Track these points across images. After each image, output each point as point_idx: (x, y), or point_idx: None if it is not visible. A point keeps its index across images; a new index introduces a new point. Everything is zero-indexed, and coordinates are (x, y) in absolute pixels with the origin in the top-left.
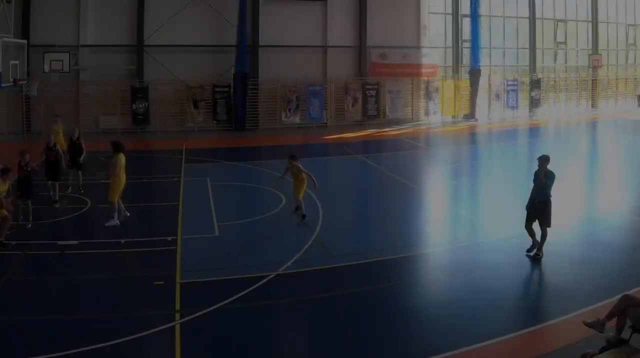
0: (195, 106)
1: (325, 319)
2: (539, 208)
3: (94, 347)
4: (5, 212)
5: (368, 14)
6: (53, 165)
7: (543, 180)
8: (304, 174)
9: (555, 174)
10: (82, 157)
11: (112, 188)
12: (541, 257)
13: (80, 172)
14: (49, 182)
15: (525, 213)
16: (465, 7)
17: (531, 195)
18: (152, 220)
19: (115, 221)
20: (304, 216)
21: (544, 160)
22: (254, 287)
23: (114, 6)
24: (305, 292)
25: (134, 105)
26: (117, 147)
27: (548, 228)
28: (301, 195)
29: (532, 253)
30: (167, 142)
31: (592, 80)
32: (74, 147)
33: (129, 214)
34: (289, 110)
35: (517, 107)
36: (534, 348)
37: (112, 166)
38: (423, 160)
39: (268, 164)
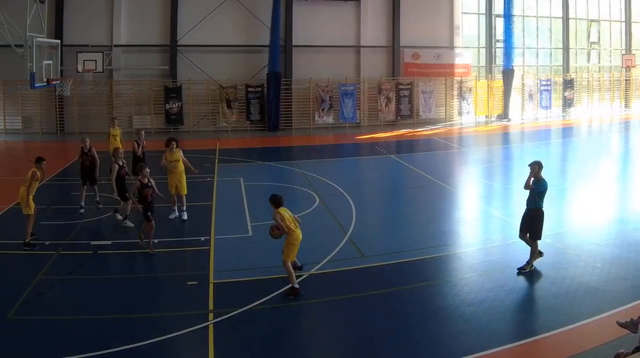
0: (229, 106)
1: (357, 319)
2: (528, 217)
3: (128, 346)
4: (30, 211)
5: (401, 14)
6: (88, 170)
7: (531, 185)
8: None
9: (547, 182)
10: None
11: (184, 183)
12: (528, 271)
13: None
14: (84, 187)
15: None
16: (498, 7)
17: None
18: (186, 220)
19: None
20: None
21: (534, 166)
22: (287, 287)
23: (147, 6)
24: (338, 292)
25: (167, 105)
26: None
27: (538, 241)
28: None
29: (521, 267)
30: (200, 142)
31: (625, 80)
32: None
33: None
34: (322, 110)
35: (550, 107)
36: (566, 348)
37: (185, 162)
38: (456, 160)
39: (301, 164)
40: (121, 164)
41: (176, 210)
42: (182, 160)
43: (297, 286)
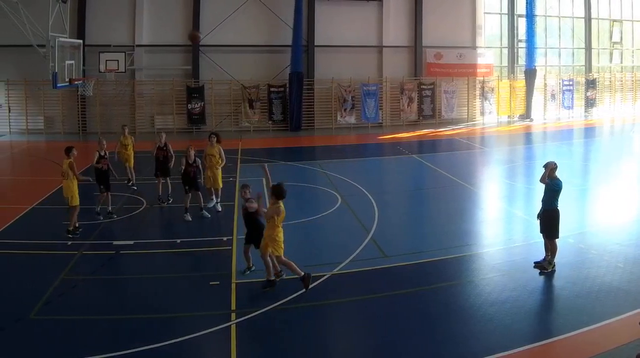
0: (251, 106)
1: (379, 319)
2: (543, 218)
3: (150, 346)
4: (77, 202)
5: (423, 14)
6: (104, 174)
7: (546, 181)
8: None
9: (562, 182)
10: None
11: (219, 177)
12: (549, 271)
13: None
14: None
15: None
16: (520, 7)
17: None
18: (208, 220)
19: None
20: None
21: (548, 166)
22: (310, 287)
23: (170, 6)
24: (360, 292)
25: (189, 105)
26: (219, 139)
27: (556, 241)
28: None
29: (540, 265)
30: (222, 142)
31: None
32: (160, 154)
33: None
34: (345, 110)
35: (572, 107)
36: (588, 348)
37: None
38: (478, 160)
39: (323, 164)
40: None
41: (214, 199)
42: (218, 156)
43: (303, 273)
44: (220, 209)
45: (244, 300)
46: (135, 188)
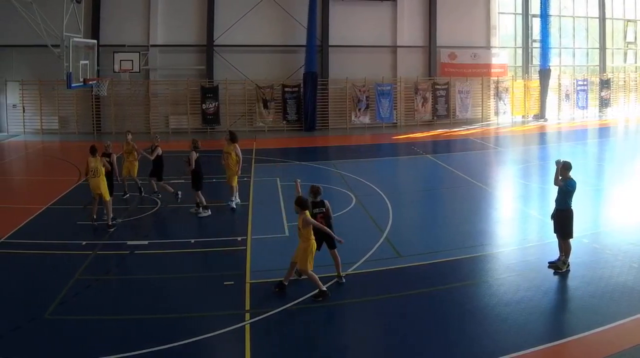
0: (265, 106)
1: (394, 319)
2: (557, 218)
3: (164, 346)
4: (108, 196)
5: (437, 14)
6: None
7: (560, 182)
8: None
9: (576, 182)
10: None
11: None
12: (563, 271)
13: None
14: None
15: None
16: (535, 7)
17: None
18: (222, 220)
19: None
20: None
21: (560, 166)
22: (324, 287)
23: (184, 6)
24: (374, 292)
25: (203, 105)
26: (234, 138)
27: (570, 241)
28: None
29: (554, 265)
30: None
31: None
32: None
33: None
34: (359, 110)
35: (586, 107)
36: (603, 348)
37: (236, 156)
38: (492, 160)
39: (338, 164)
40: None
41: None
42: (234, 154)
43: (324, 289)
44: (234, 207)
45: (258, 300)
46: (146, 196)
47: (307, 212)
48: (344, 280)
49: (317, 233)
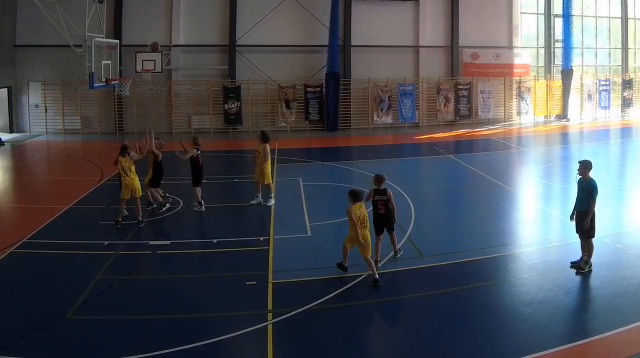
0: (288, 106)
1: (416, 319)
2: (579, 219)
3: (186, 346)
4: (137, 194)
5: (460, 14)
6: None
7: (587, 182)
8: None
9: (597, 182)
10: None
11: (265, 174)
12: (586, 271)
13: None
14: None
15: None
16: (557, 7)
17: (575, 204)
18: (245, 220)
19: (273, 201)
20: None
21: (583, 166)
22: (346, 287)
23: (206, 6)
24: (397, 292)
25: (226, 105)
26: (265, 138)
27: (593, 241)
28: None
29: (577, 265)
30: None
31: None
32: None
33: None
34: (381, 110)
35: (608, 107)
36: (626, 348)
37: (264, 154)
38: (514, 160)
39: (360, 164)
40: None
41: (259, 197)
42: (263, 153)
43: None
44: (270, 204)
45: (281, 300)
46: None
47: (354, 206)
48: (400, 253)
49: (378, 220)
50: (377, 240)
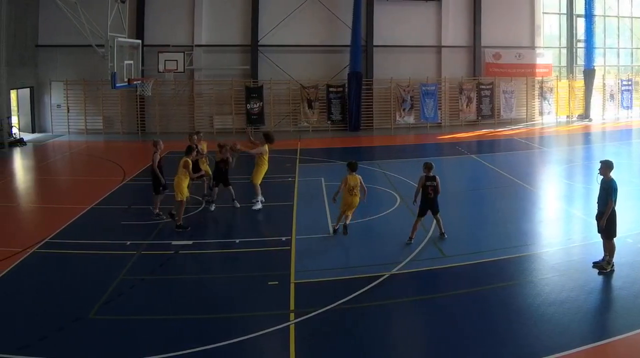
0: (310, 106)
1: (439, 319)
2: (599, 219)
3: (208, 347)
4: (182, 197)
5: (482, 14)
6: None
7: (608, 182)
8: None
9: (617, 182)
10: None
11: (257, 173)
12: (608, 271)
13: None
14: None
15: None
16: (579, 7)
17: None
18: (267, 220)
19: (259, 205)
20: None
21: (604, 165)
22: (368, 287)
23: (228, 7)
24: (419, 292)
25: (248, 105)
26: (267, 138)
27: (615, 240)
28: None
29: (599, 265)
30: (281, 142)
31: None
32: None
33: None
34: (403, 110)
35: (631, 107)
36: None
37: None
38: (537, 160)
39: (382, 164)
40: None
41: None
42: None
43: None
44: (255, 208)
45: (303, 300)
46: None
47: (349, 176)
48: (446, 236)
49: (426, 203)
50: (417, 221)
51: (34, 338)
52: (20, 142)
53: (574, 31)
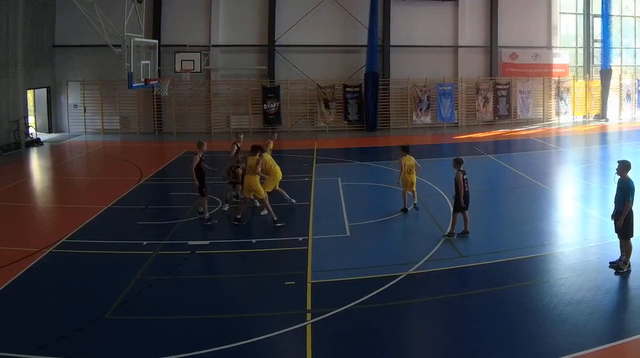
0: (327, 106)
1: (455, 319)
2: (617, 218)
3: (225, 347)
4: (262, 194)
5: (499, 14)
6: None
7: (625, 182)
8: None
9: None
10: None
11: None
12: (624, 271)
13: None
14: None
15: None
16: (596, 7)
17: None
18: (284, 220)
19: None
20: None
21: (621, 165)
22: (385, 287)
23: (245, 7)
24: (435, 292)
25: (265, 105)
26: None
27: (631, 240)
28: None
29: (615, 265)
30: (298, 142)
31: None
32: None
33: (294, 201)
34: (420, 110)
35: None
36: None
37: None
38: (553, 160)
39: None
40: (201, 156)
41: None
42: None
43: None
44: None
45: (320, 300)
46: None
47: (405, 158)
48: (469, 234)
49: (465, 197)
50: (456, 215)
51: (51, 338)
52: (37, 142)
53: (591, 31)
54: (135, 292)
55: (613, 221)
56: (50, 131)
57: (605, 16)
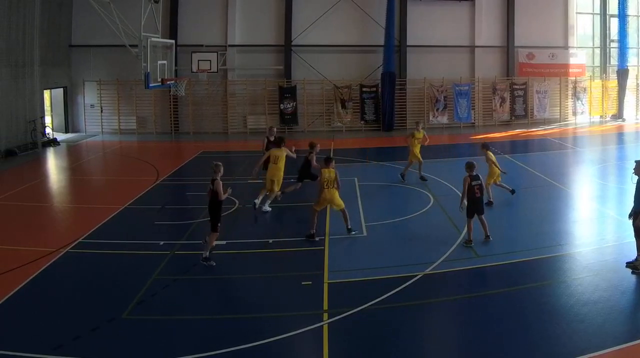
0: (343, 106)
1: (472, 319)
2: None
3: (241, 347)
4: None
5: (515, 14)
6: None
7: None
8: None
9: None
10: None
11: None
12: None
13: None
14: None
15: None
16: (612, 7)
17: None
18: (300, 220)
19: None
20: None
21: (639, 165)
22: (402, 287)
23: (262, 6)
24: (452, 292)
25: (281, 105)
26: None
27: None
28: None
29: (632, 265)
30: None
31: None
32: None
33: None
34: (437, 110)
35: None
36: None
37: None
38: (570, 160)
39: (415, 164)
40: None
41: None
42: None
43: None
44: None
45: (337, 300)
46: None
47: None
48: (491, 238)
49: (475, 203)
50: (470, 221)
51: (67, 338)
52: (54, 142)
53: (608, 31)
54: (151, 292)
55: (631, 221)
56: (66, 131)
57: (622, 16)
